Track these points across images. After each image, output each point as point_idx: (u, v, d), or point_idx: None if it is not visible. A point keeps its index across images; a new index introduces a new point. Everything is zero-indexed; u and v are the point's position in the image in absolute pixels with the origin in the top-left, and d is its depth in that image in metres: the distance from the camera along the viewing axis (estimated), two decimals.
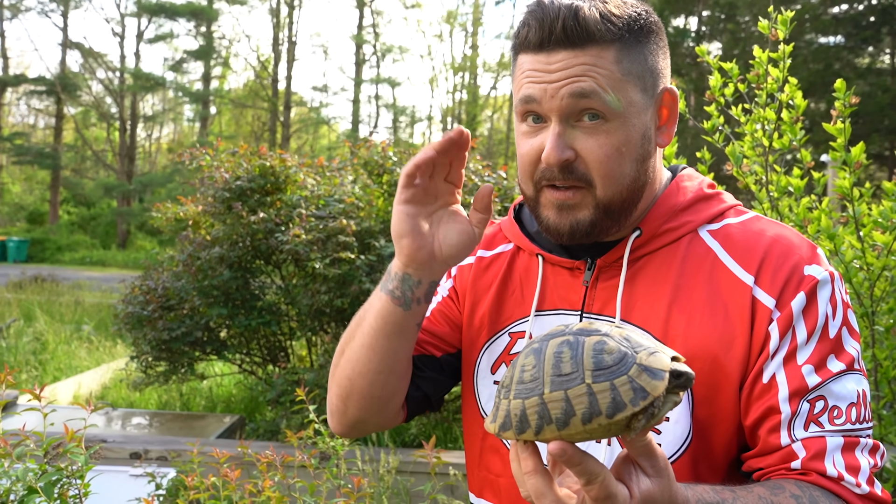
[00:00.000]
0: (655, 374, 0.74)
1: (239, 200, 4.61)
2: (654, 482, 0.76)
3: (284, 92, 31.00)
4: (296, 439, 2.71)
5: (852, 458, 0.92)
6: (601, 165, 0.99)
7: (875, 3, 19.25)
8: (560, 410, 0.74)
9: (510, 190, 4.79)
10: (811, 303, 0.97)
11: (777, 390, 0.95)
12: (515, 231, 1.20)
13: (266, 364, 5.25)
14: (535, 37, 0.99)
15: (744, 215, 1.08)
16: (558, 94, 0.98)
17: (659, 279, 1.04)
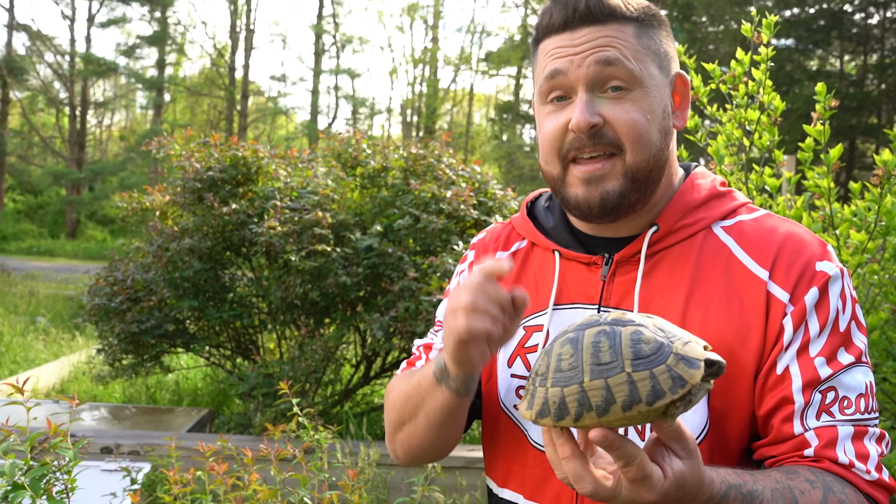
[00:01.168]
0: (692, 363, 0.76)
1: (210, 191, 4.54)
2: (685, 463, 0.80)
3: (242, 81, 30.45)
4: (279, 432, 2.70)
5: (862, 447, 0.97)
6: (630, 129, 1.03)
7: (825, 8, 19.86)
8: (601, 398, 0.76)
9: (484, 185, 4.82)
10: (823, 297, 1.01)
11: (791, 381, 0.99)
12: (530, 228, 1.22)
13: (235, 357, 5.19)
14: (559, 18, 1.05)
15: (755, 213, 1.11)
16: (584, 62, 1.03)
17: (676, 273, 1.07)
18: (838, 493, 0.93)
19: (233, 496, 2.34)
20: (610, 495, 0.79)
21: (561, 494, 1.10)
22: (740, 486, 0.87)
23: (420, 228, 4.29)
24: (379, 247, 4.20)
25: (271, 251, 4.35)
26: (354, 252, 4.29)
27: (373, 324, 4.01)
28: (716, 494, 0.83)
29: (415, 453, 1.22)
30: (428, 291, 3.94)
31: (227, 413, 5.20)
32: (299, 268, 4.17)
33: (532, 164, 29.48)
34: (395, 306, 4.09)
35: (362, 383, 4.95)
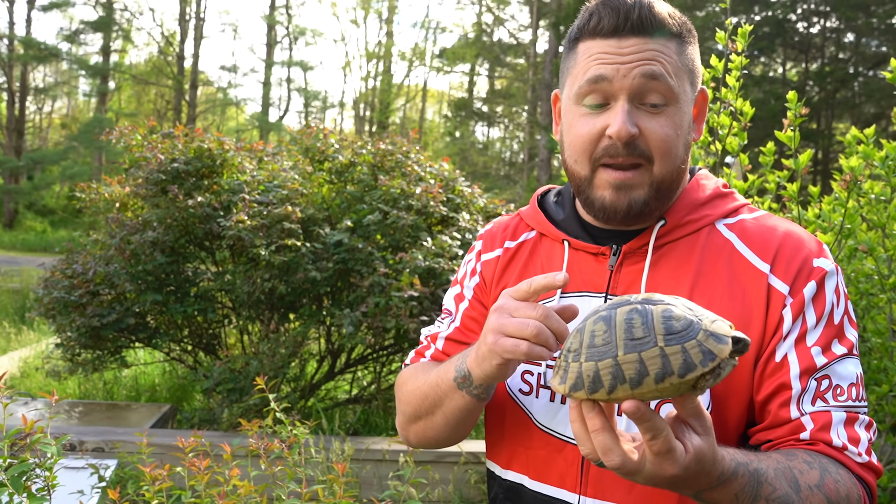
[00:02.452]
0: (720, 338, 0.81)
1: (175, 183, 4.46)
2: (703, 440, 0.85)
3: (191, 70, 29.77)
4: (256, 427, 2.69)
5: (853, 432, 1.04)
6: (662, 144, 1.08)
7: (770, 16, 20.52)
8: (634, 371, 0.80)
9: (452, 182, 4.85)
10: (820, 291, 1.08)
11: (789, 368, 1.05)
12: (540, 219, 1.27)
13: (196, 352, 5.11)
14: (609, 23, 1.08)
15: (756, 212, 1.18)
16: (630, 73, 1.06)
17: (681, 265, 1.13)
18: (833, 474, 0.99)
19: (215, 492, 2.32)
20: (635, 468, 0.83)
21: (566, 474, 1.14)
22: (747, 464, 0.92)
23: (389, 224, 4.30)
24: (349, 242, 4.19)
25: (238, 245, 4.30)
26: (324, 247, 4.28)
27: (343, 319, 4.01)
28: (726, 471, 0.88)
29: (429, 443, 1.27)
30: (398, 287, 3.96)
31: (187, 409, 5.12)
32: (269, 262, 4.13)
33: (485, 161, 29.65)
34: (364, 302, 4.09)
35: (326, 378, 4.94)
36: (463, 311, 1.31)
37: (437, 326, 1.36)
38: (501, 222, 1.37)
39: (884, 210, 2.61)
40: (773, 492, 0.93)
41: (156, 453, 3.32)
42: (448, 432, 1.22)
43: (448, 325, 1.33)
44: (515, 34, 29.81)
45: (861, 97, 20.91)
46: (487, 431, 1.29)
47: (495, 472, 1.27)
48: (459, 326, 1.30)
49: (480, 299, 1.30)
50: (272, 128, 29.66)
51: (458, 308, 1.33)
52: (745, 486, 0.91)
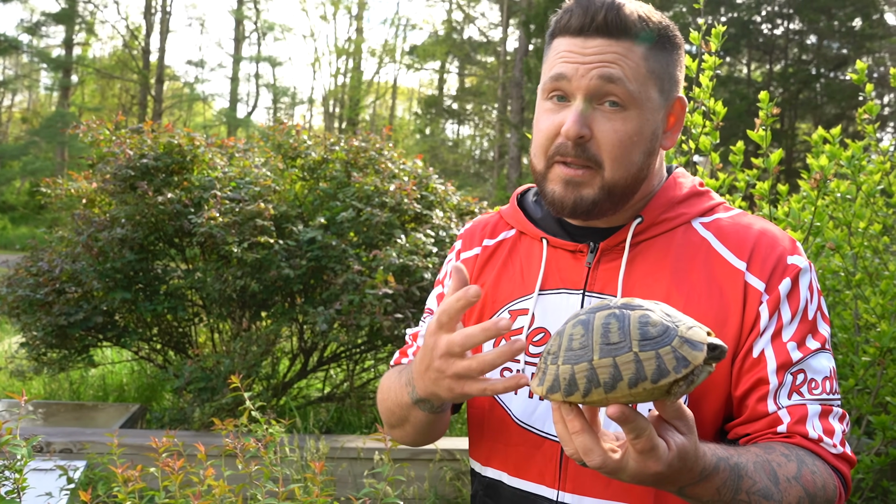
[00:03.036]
0: (695, 345, 0.82)
1: (144, 179, 4.39)
2: (686, 438, 0.87)
3: (157, 64, 29.26)
4: (231, 426, 2.66)
5: (828, 424, 1.07)
6: (613, 149, 1.09)
7: (736, 17, 20.84)
8: (608, 375, 0.82)
9: (426, 179, 4.85)
10: (795, 288, 1.11)
11: (766, 364, 1.08)
12: (519, 217, 1.28)
13: (166, 351, 5.04)
14: (576, 22, 1.08)
15: (731, 211, 1.20)
16: (588, 74, 1.07)
17: (657, 263, 1.14)
18: (810, 465, 1.02)
19: (189, 492, 2.29)
20: (616, 467, 0.85)
21: (544, 470, 1.15)
22: (728, 458, 0.94)
23: (363, 221, 4.28)
24: (322, 239, 4.17)
25: (209, 243, 4.25)
26: (297, 244, 4.25)
27: (317, 317, 3.98)
28: (708, 466, 0.90)
29: (410, 444, 1.32)
30: (373, 285, 3.95)
31: (157, 408, 5.05)
32: (242, 259, 4.09)
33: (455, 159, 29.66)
34: (338, 299, 4.07)
35: (299, 377, 4.90)
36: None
37: (421, 325, 1.37)
38: (481, 221, 1.37)
39: (849, 208, 2.67)
40: (753, 485, 0.95)
41: (126, 454, 3.26)
42: (422, 438, 1.27)
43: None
44: (485, 32, 29.87)
45: (823, 98, 21.35)
46: (469, 429, 1.30)
47: (475, 469, 1.28)
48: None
49: None
50: (240, 124, 29.32)
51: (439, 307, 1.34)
52: (726, 480, 0.93)
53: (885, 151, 2.80)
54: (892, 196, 2.74)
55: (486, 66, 29.91)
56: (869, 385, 2.60)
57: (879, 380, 2.50)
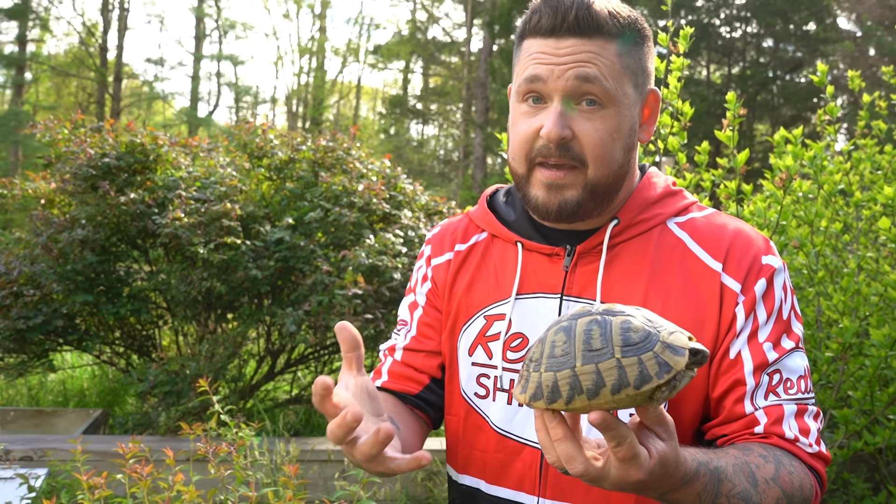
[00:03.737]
0: (677, 350, 0.82)
1: (106, 179, 4.29)
2: (667, 444, 0.86)
3: (114, 62, 28.64)
4: (200, 430, 2.62)
5: (803, 423, 1.08)
6: (595, 147, 1.08)
7: (695, 20, 21.21)
8: (591, 382, 0.81)
9: (394, 179, 4.83)
10: (770, 288, 1.11)
11: (743, 365, 1.08)
12: (491, 220, 1.25)
13: (129, 354, 4.93)
14: (547, 23, 1.07)
15: (705, 211, 1.20)
16: (564, 75, 1.06)
17: (635, 265, 1.14)
18: (787, 466, 1.03)
19: (159, 498, 2.25)
20: (599, 475, 0.84)
21: (524, 477, 1.14)
22: (708, 462, 0.94)
23: (331, 221, 4.25)
24: (290, 240, 4.12)
25: (174, 244, 4.17)
26: (264, 245, 4.19)
27: (286, 318, 3.94)
28: (689, 472, 0.90)
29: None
30: (342, 285, 3.92)
31: (120, 413, 4.94)
32: (208, 260, 4.02)
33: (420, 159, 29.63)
34: (307, 300, 4.03)
35: (266, 379, 4.84)
36: (418, 318, 1.30)
37: (394, 339, 1.34)
38: (449, 225, 1.35)
39: (811, 207, 2.74)
40: (732, 488, 0.95)
41: (90, 461, 3.18)
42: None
43: (405, 336, 1.31)
44: (450, 32, 29.90)
45: (780, 100, 21.85)
46: (446, 435, 1.29)
47: (452, 477, 1.27)
48: (416, 335, 1.29)
49: (434, 305, 1.29)
50: (202, 123, 28.87)
51: (413, 316, 1.31)
52: (706, 484, 0.93)
53: (844, 152, 2.88)
54: (851, 195, 2.81)
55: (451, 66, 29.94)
56: (832, 380, 2.66)
57: (842, 375, 2.56)
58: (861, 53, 20.55)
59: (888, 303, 2.42)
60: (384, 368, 1.30)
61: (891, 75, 3.07)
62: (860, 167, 2.94)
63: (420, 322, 1.29)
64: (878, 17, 19.63)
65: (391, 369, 1.29)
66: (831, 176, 2.74)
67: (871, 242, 2.90)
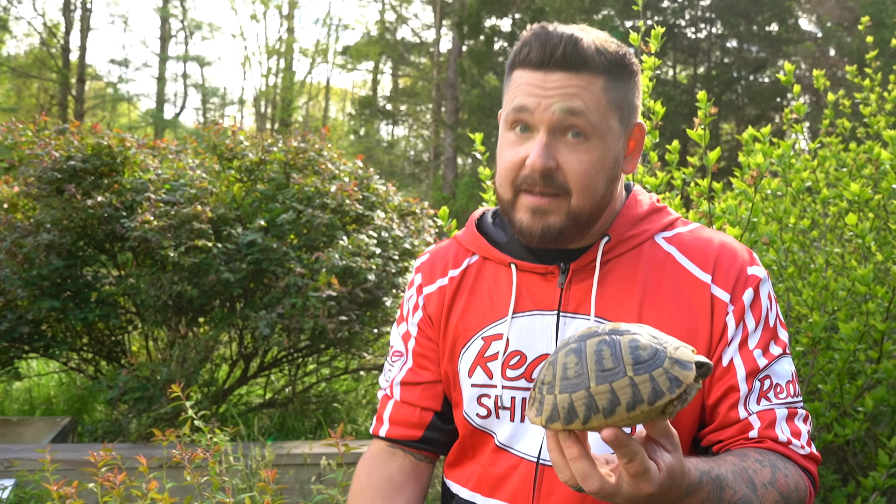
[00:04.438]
0: (685, 365, 0.85)
1: (72, 182, 4.20)
2: (673, 456, 0.89)
3: (77, 63, 28.11)
4: (173, 437, 2.58)
5: (794, 426, 1.11)
6: (579, 178, 1.11)
7: (661, 20, 21.48)
8: (606, 401, 0.84)
9: (367, 180, 4.81)
10: (757, 297, 1.16)
11: (735, 372, 1.12)
12: (482, 243, 1.28)
13: (97, 360, 4.84)
14: (536, 56, 1.10)
15: (689, 225, 1.25)
16: (550, 107, 1.09)
17: (628, 280, 1.17)
18: (783, 469, 1.06)
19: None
20: (613, 491, 0.86)
21: (519, 490, 1.17)
22: (709, 471, 0.96)
23: (304, 223, 4.21)
24: (262, 242, 4.08)
25: (143, 247, 4.10)
26: (236, 247, 4.14)
27: (259, 321, 3.90)
28: (693, 482, 0.92)
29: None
30: (316, 287, 3.89)
31: (89, 421, 4.84)
32: (178, 264, 3.96)
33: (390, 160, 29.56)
34: (280, 303, 3.99)
35: (239, 383, 4.79)
36: (412, 349, 1.32)
37: (389, 368, 1.36)
38: (438, 251, 1.36)
39: (780, 204, 2.78)
40: (734, 494, 0.98)
41: (59, 470, 3.11)
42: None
43: (400, 368, 1.33)
44: (419, 33, 29.89)
45: (744, 99, 22.22)
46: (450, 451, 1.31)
47: (452, 489, 1.28)
48: (412, 367, 1.31)
49: (427, 335, 1.31)
50: (168, 125, 28.47)
51: (408, 347, 1.33)
52: (710, 493, 0.95)
53: (811, 150, 2.93)
54: (818, 193, 2.87)
55: (420, 66, 29.93)
56: (802, 374, 2.71)
57: (812, 369, 2.61)
58: (822, 54, 20.99)
59: (855, 297, 2.47)
60: (386, 414, 1.33)
61: (854, 75, 3.14)
62: (825, 165, 3.00)
63: (415, 353, 1.31)
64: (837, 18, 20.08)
65: (392, 416, 1.32)
66: (799, 173, 2.79)
67: (837, 238, 2.96)
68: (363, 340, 4.44)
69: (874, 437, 2.48)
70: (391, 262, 4.36)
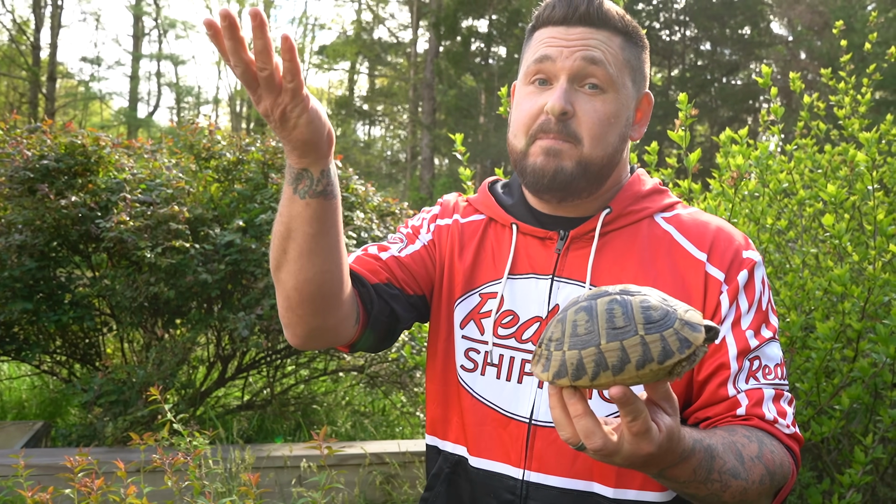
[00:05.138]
0: (695, 327, 0.86)
1: (45, 182, 4.13)
2: (672, 419, 0.90)
3: (48, 61, 27.63)
4: (151, 441, 2.54)
5: (780, 407, 1.14)
6: (593, 126, 1.15)
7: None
8: (616, 358, 0.84)
9: (346, 180, 4.79)
10: (751, 280, 1.18)
11: (727, 350, 1.14)
12: (490, 202, 1.31)
13: (71, 363, 4.75)
14: (560, 12, 1.17)
15: (689, 209, 1.28)
16: (573, 55, 1.15)
17: (625, 253, 1.20)
18: (769, 445, 1.08)
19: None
20: (614, 449, 0.87)
21: (510, 449, 1.18)
22: (701, 440, 0.98)
23: None
24: (241, 243, 4.04)
25: (119, 248, 4.04)
26: (214, 248, 4.10)
27: (238, 322, 3.86)
28: (687, 448, 0.94)
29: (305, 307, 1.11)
30: None
31: (62, 425, 4.76)
32: (155, 265, 3.90)
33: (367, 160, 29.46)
34: (259, 304, 3.96)
35: (217, 385, 4.74)
36: (413, 250, 1.31)
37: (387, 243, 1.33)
38: (452, 197, 1.41)
39: (757, 205, 2.82)
40: (723, 465, 0.99)
41: (34, 475, 3.05)
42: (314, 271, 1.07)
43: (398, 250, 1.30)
44: (396, 33, 29.84)
45: (717, 102, 22.50)
46: (429, 406, 1.31)
47: (438, 446, 1.28)
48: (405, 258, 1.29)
49: (430, 250, 1.32)
50: (141, 124, 28.11)
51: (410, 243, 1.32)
52: (701, 460, 0.97)
53: (788, 151, 2.97)
54: (794, 194, 2.91)
55: (397, 67, 29.87)
56: None
57: (789, 368, 2.65)
58: (793, 56, 21.33)
59: (831, 297, 2.51)
60: (357, 252, 1.29)
61: (829, 77, 3.19)
62: (801, 166, 3.05)
63: (415, 253, 1.31)
64: (808, 21, 20.41)
65: (363, 256, 1.27)
66: (775, 175, 2.83)
67: (813, 239, 3.00)
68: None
69: (850, 434, 2.52)
70: None
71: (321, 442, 2.18)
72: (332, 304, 1.12)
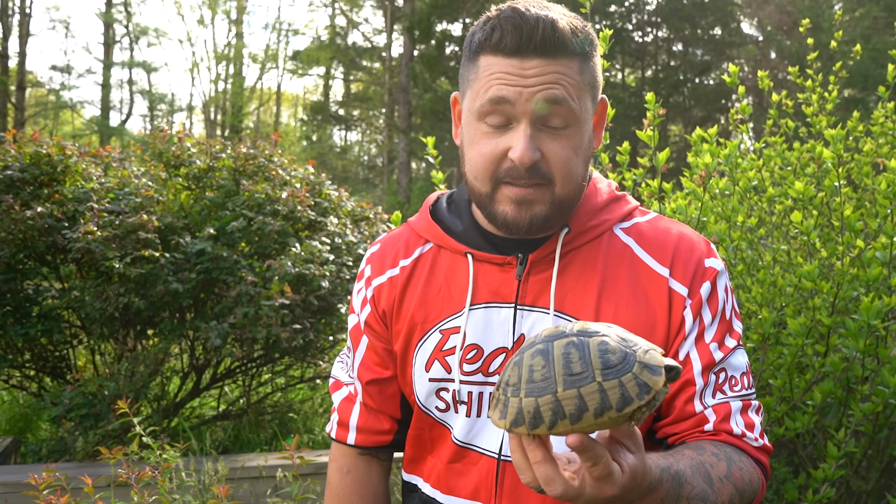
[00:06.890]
0: (654, 370, 0.83)
1: (9, 193, 4.04)
2: (636, 457, 0.87)
3: (17, 70, 27.23)
4: (120, 455, 2.49)
5: (748, 418, 1.12)
6: (563, 166, 1.08)
7: (609, 24, 21.85)
8: (574, 407, 0.81)
9: (319, 185, 4.75)
10: (714, 290, 1.15)
11: (692, 365, 1.12)
12: (437, 231, 1.23)
13: (40, 377, 4.66)
14: (511, 42, 1.03)
15: (648, 215, 1.23)
16: (533, 97, 1.04)
17: (586, 272, 1.15)
18: (737, 462, 1.06)
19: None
20: (576, 494, 0.84)
21: (480, 486, 1.15)
22: (669, 468, 0.96)
23: (254, 230, 4.13)
24: (212, 251, 3.98)
25: (87, 259, 3.96)
26: (185, 257, 4.04)
27: (210, 331, 3.80)
28: (654, 480, 0.91)
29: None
30: (268, 296, 3.81)
31: (33, 440, 4.66)
32: (124, 275, 3.83)
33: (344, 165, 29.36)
34: (232, 312, 3.90)
35: (191, 395, 4.66)
36: (365, 347, 1.29)
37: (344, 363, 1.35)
38: (390, 239, 1.31)
39: (728, 203, 2.83)
40: (692, 490, 0.97)
41: (1, 493, 2.98)
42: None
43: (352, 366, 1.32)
44: (370, 38, 29.78)
45: (690, 102, 22.73)
46: (407, 447, 1.28)
47: (416, 485, 1.26)
48: (363, 362, 1.29)
49: (376, 330, 1.27)
50: (114, 132, 27.75)
51: (360, 342, 1.30)
52: (669, 490, 0.94)
53: (757, 149, 2.99)
54: (764, 191, 2.93)
55: (372, 71, 29.82)
56: (753, 370, 2.76)
57: (762, 364, 2.66)
58: (763, 56, 21.61)
59: (802, 293, 2.53)
60: (352, 422, 1.30)
61: (796, 76, 3.22)
62: (770, 164, 3.07)
63: (368, 349, 1.29)
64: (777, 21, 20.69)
65: (360, 424, 1.30)
66: (745, 173, 2.85)
67: (784, 236, 3.03)
68: (318, 348, 4.37)
69: (823, 429, 2.53)
70: (345, 268, 4.30)
71: (293, 452, 2.14)
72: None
